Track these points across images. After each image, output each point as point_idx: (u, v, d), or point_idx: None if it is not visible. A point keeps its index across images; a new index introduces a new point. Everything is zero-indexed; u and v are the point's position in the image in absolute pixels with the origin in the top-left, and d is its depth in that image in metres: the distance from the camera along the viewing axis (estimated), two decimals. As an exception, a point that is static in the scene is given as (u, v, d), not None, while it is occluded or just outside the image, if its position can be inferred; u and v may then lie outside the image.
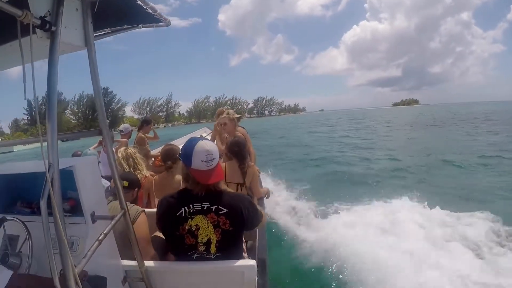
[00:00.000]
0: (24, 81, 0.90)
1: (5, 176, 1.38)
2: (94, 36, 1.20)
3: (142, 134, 4.70)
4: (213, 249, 1.42)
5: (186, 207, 1.40)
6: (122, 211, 1.29)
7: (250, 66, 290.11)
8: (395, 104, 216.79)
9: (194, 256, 1.43)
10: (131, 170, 2.49)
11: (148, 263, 1.44)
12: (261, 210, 1.60)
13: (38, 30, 0.95)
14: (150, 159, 4.45)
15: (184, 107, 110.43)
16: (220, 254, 1.43)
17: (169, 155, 2.65)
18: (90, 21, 1.15)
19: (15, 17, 0.86)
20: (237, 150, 2.54)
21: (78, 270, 0.93)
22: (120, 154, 2.55)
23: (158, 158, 3.65)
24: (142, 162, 2.62)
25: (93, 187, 1.29)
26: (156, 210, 1.53)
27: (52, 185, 0.88)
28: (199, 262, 1.43)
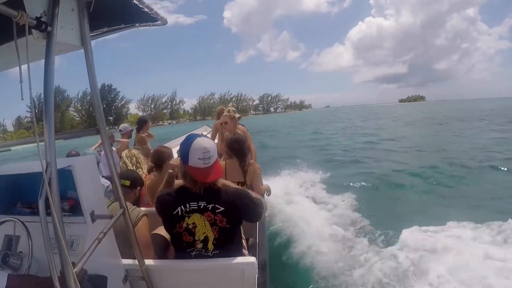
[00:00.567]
0: (20, 81, 0.91)
1: (5, 176, 1.39)
2: (91, 36, 1.20)
3: (142, 133, 4.76)
4: (210, 246, 1.42)
5: (182, 206, 1.40)
6: (122, 210, 1.29)
7: (256, 63, 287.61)
8: (401, 100, 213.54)
9: (193, 253, 1.44)
10: (134, 168, 2.51)
11: (148, 262, 1.45)
12: (261, 199, 1.58)
13: (34, 31, 0.95)
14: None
15: (189, 104, 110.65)
16: (218, 252, 1.43)
17: (159, 158, 2.46)
18: (86, 21, 1.14)
19: (11, 18, 0.85)
20: (237, 147, 2.53)
21: (77, 269, 0.93)
22: (124, 154, 2.58)
23: None
24: (145, 162, 2.65)
25: (92, 187, 1.29)
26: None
27: (50, 184, 0.89)
28: (200, 260, 1.43)
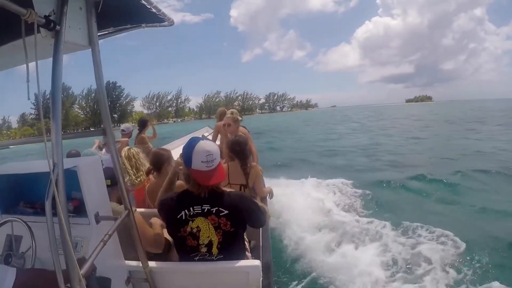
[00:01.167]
0: (27, 80, 0.89)
1: (7, 176, 1.38)
2: (98, 35, 1.19)
3: (142, 134, 4.81)
4: (215, 250, 1.41)
5: (186, 210, 1.39)
6: (126, 212, 1.28)
7: (262, 62, 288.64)
8: (408, 100, 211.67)
9: (196, 258, 1.43)
10: (134, 171, 2.47)
11: (152, 264, 1.44)
12: (264, 207, 1.57)
13: (42, 29, 0.94)
14: None
15: (194, 102, 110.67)
16: (222, 256, 1.42)
17: (158, 161, 2.47)
18: (94, 20, 1.13)
19: (19, 16, 0.84)
20: (238, 149, 2.49)
21: (83, 271, 0.92)
22: (123, 153, 2.50)
23: None
24: (146, 162, 2.57)
25: (97, 188, 1.29)
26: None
27: (56, 185, 0.88)
28: (204, 263, 1.42)
